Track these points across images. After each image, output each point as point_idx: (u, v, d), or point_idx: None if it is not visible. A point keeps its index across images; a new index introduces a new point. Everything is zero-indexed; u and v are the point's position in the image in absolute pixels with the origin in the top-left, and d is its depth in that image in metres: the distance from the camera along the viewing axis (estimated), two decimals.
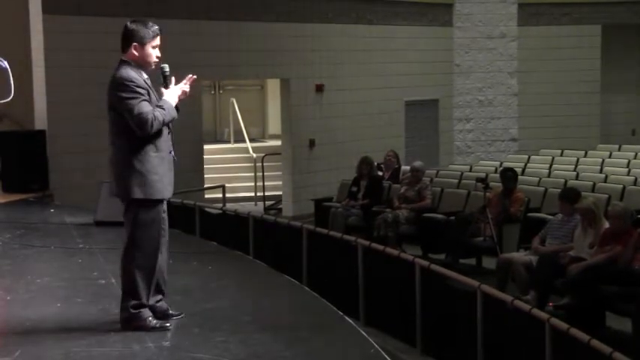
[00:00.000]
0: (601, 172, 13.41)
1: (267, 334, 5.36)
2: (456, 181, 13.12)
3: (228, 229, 10.09)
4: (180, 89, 5.36)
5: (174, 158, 5.35)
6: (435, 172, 14.34)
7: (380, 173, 13.63)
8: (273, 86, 19.13)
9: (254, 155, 17.41)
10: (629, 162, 14.28)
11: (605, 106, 19.32)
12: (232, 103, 19.21)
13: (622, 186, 11.56)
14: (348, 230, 11.58)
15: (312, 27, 15.81)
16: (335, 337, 5.47)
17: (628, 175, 12.89)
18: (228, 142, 19.34)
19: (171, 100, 5.28)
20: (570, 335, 5.71)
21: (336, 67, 16.22)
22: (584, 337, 5.60)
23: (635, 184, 11.94)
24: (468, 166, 15.36)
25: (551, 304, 8.46)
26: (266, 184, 16.65)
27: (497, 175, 12.03)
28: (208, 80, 18.29)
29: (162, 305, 5.44)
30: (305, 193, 15.26)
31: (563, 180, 12.38)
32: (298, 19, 15.58)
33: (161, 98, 5.27)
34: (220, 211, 10.78)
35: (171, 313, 5.49)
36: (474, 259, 11.06)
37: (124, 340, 5.11)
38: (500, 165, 14.39)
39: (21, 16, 12.24)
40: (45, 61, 12.24)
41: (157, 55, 5.28)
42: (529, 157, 15.66)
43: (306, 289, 6.99)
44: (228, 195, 15.22)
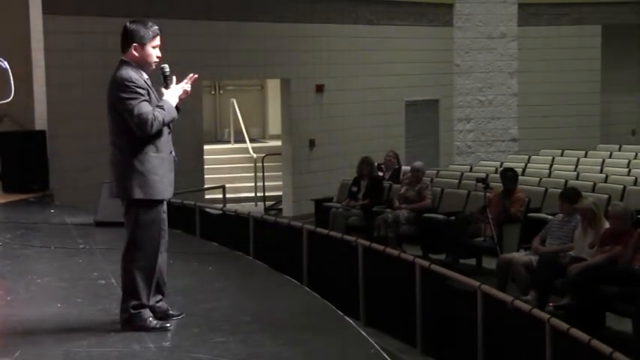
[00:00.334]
0: (601, 172, 13.40)
1: (267, 335, 5.36)
2: (456, 181, 13.12)
3: (229, 230, 10.09)
4: (181, 88, 5.35)
5: (174, 159, 5.35)
6: (436, 172, 14.34)
7: (380, 173, 13.63)
8: (274, 86, 19.13)
9: (254, 155, 17.41)
10: (630, 162, 14.26)
11: (606, 106, 19.30)
12: (232, 104, 19.21)
13: (622, 186, 11.55)
14: (348, 230, 11.58)
15: (312, 27, 15.81)
16: (335, 337, 5.47)
17: (628, 175, 12.89)
18: (229, 142, 19.34)
19: (172, 100, 5.28)
20: (570, 335, 5.71)
21: (337, 68, 16.21)
22: (585, 337, 5.60)
23: (635, 184, 11.93)
24: (469, 167, 15.36)
25: (551, 305, 8.46)
26: (266, 184, 16.64)
27: (498, 175, 12.03)
28: (208, 80, 18.28)
29: (162, 305, 5.45)
30: (305, 194, 15.25)
31: (564, 180, 12.38)
32: (298, 19, 15.57)
33: (161, 98, 5.27)
34: (220, 212, 10.78)
35: (171, 313, 5.49)
36: (474, 260, 11.06)
37: (124, 340, 5.11)
38: (501, 165, 14.38)
39: (21, 17, 12.23)
40: (45, 61, 12.24)
41: (157, 55, 5.28)
42: (529, 158, 15.65)
43: (307, 289, 6.99)
44: (228, 195, 15.22)
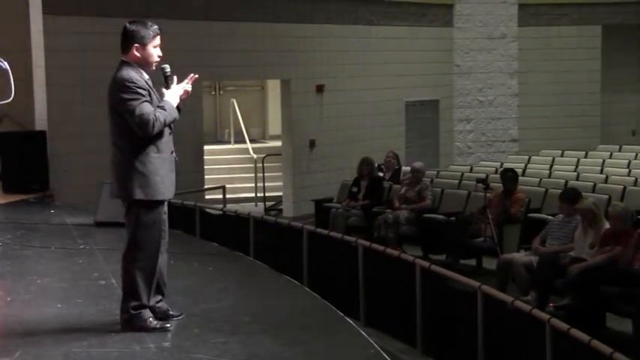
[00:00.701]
0: (601, 172, 13.40)
1: (267, 335, 5.36)
2: (456, 181, 13.12)
3: (229, 230, 10.08)
4: (181, 89, 5.35)
5: (175, 159, 5.34)
6: (436, 172, 14.34)
7: (380, 174, 13.63)
8: (274, 87, 19.13)
9: (254, 156, 17.40)
10: (630, 162, 14.26)
11: (606, 107, 19.30)
12: (233, 104, 19.21)
13: (622, 186, 11.55)
14: (348, 231, 11.58)
15: (312, 28, 15.81)
16: (335, 337, 5.47)
17: (628, 175, 12.89)
18: (229, 142, 19.33)
19: (173, 100, 5.28)
20: (571, 336, 5.71)
21: (337, 68, 16.21)
22: (585, 337, 5.59)
23: (635, 184, 11.93)
24: (469, 167, 15.36)
25: (551, 305, 8.46)
26: (266, 184, 16.64)
27: (498, 175, 12.02)
28: (209, 81, 18.28)
29: (162, 306, 5.44)
30: (305, 194, 15.25)
31: (564, 180, 12.38)
32: (298, 19, 15.57)
33: (162, 99, 5.27)
34: (221, 212, 10.77)
35: (171, 313, 5.49)
36: (475, 260, 11.06)
37: (124, 340, 5.11)
38: (501, 165, 14.38)
39: (21, 17, 12.24)
40: (45, 61, 12.24)
41: (158, 54, 5.27)
42: (529, 158, 15.65)
43: (307, 289, 6.99)
44: (228, 196, 15.22)
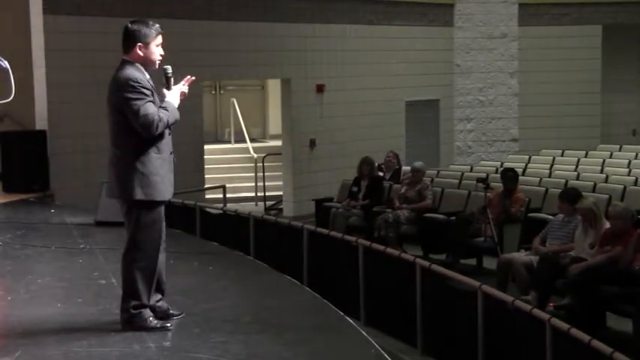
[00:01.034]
0: (602, 172, 13.40)
1: (267, 335, 5.35)
2: (456, 181, 13.12)
3: (229, 230, 10.08)
4: (178, 90, 5.35)
5: (174, 160, 5.34)
6: (436, 172, 14.34)
7: (380, 174, 13.63)
8: (274, 86, 19.13)
9: (255, 155, 17.41)
10: (630, 162, 14.26)
11: (606, 106, 19.31)
12: (233, 104, 19.21)
13: (623, 186, 11.55)
14: (348, 230, 11.58)
15: (312, 27, 15.81)
16: (336, 337, 5.46)
17: (629, 175, 12.89)
18: (229, 142, 19.33)
19: (174, 101, 5.27)
20: (571, 336, 5.71)
21: (337, 68, 16.22)
22: (585, 337, 5.60)
23: (635, 184, 11.93)
24: (469, 167, 15.36)
25: (551, 305, 8.46)
26: (267, 184, 16.64)
27: (498, 175, 12.03)
28: (209, 80, 18.28)
29: (162, 305, 5.44)
30: (306, 194, 15.25)
31: (564, 180, 12.38)
32: (298, 19, 15.57)
33: (163, 99, 5.26)
34: (221, 212, 10.77)
35: (171, 312, 5.49)
36: (475, 260, 11.06)
37: (124, 340, 5.11)
38: (501, 165, 14.38)
39: (21, 16, 12.22)
40: (45, 61, 12.23)
41: (160, 53, 5.26)
42: (530, 158, 15.65)
43: (307, 289, 6.99)
44: (228, 195, 15.22)
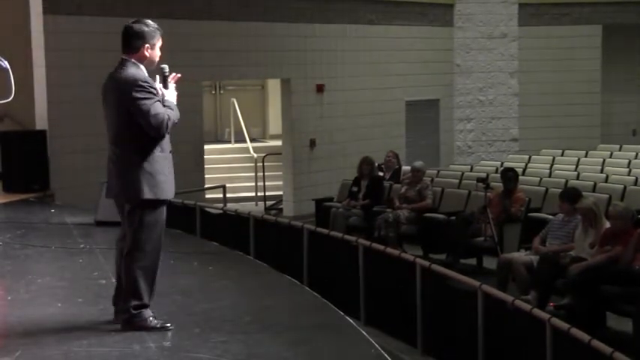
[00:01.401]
0: (602, 172, 13.40)
1: (267, 335, 5.35)
2: (456, 181, 13.11)
3: (229, 229, 10.08)
4: (173, 89, 5.34)
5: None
6: (436, 172, 14.34)
7: (380, 173, 13.63)
8: (274, 86, 19.13)
9: (255, 155, 17.41)
10: (630, 162, 14.27)
11: (606, 106, 19.31)
12: (233, 103, 19.21)
13: (623, 186, 11.55)
14: (348, 230, 11.58)
15: (312, 27, 15.81)
16: (336, 337, 5.46)
17: (629, 175, 12.89)
18: (229, 142, 19.34)
19: (173, 100, 5.27)
20: (571, 335, 5.71)
21: (337, 68, 16.21)
22: (585, 337, 5.60)
23: (635, 184, 11.93)
24: (469, 166, 15.36)
25: (551, 305, 8.46)
26: (267, 184, 16.64)
27: (498, 175, 12.03)
28: (209, 80, 18.28)
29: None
30: (306, 193, 15.25)
31: (564, 180, 12.38)
32: (298, 19, 15.57)
33: (163, 99, 5.25)
34: (221, 211, 10.77)
35: None
36: (475, 259, 11.06)
37: (124, 340, 5.11)
38: (501, 165, 14.38)
39: (21, 16, 12.22)
40: (45, 61, 12.23)
41: (159, 54, 5.29)
42: (530, 157, 15.66)
43: (307, 289, 6.99)
44: (228, 195, 15.21)
